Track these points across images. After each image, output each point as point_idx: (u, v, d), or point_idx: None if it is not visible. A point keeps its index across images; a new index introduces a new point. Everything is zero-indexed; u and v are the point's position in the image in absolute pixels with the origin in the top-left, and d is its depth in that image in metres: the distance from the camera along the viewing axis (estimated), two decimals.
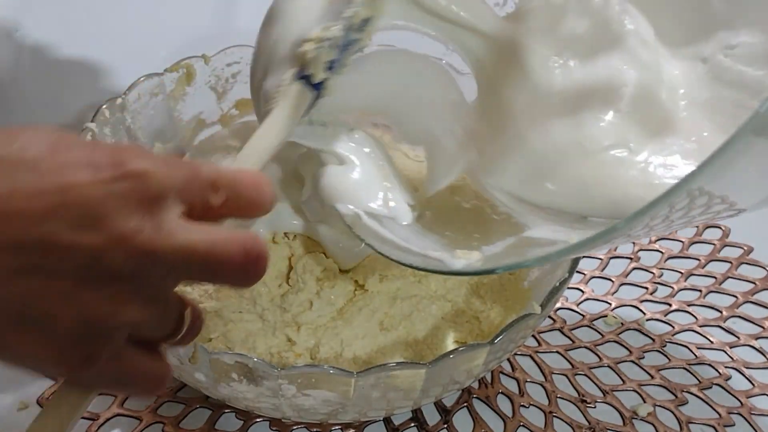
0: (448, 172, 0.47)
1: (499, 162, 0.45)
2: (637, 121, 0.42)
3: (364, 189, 0.46)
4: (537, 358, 0.55)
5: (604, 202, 0.41)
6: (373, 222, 0.44)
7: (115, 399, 0.50)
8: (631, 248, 0.62)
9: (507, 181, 0.45)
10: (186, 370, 0.44)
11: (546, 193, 0.43)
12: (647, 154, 0.41)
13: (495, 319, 0.51)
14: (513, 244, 0.42)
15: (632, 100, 0.42)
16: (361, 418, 0.48)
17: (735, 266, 0.61)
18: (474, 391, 0.52)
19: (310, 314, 0.48)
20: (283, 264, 0.48)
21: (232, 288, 0.34)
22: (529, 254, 0.39)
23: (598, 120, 0.42)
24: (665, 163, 0.41)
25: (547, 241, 0.40)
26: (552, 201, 0.43)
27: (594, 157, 0.42)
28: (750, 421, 0.52)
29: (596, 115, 0.42)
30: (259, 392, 0.43)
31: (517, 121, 0.44)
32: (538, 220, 0.43)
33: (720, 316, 0.58)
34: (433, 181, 0.48)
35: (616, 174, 0.41)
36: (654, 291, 0.59)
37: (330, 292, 0.48)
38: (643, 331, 0.57)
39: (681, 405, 0.53)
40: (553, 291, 0.45)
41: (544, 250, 0.38)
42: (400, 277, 0.51)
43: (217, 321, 0.47)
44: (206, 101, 0.59)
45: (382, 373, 0.41)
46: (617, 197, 0.41)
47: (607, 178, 0.41)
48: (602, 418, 0.52)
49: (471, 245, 0.42)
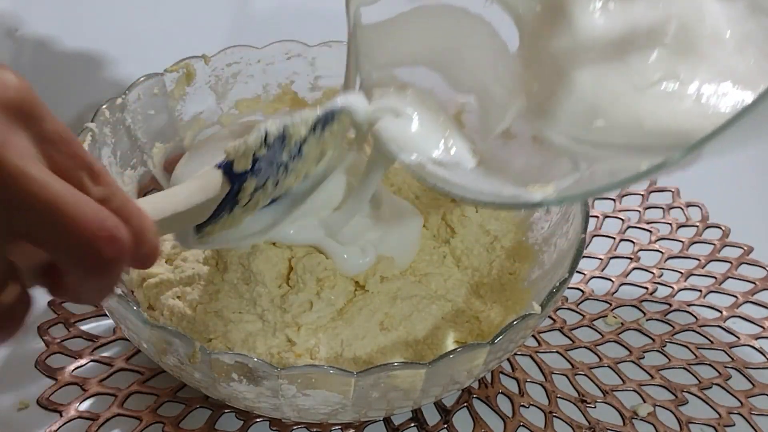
0: (501, 118, 0.48)
1: (550, 107, 0.45)
2: (683, 54, 0.42)
3: (424, 138, 0.46)
4: (537, 358, 0.55)
5: (661, 134, 0.42)
6: (439, 168, 0.44)
7: (115, 399, 0.50)
8: (631, 248, 0.62)
9: (560, 124, 0.45)
10: (186, 370, 0.44)
11: (601, 131, 0.43)
12: (698, 85, 0.42)
13: (495, 319, 0.51)
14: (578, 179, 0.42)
15: (676, 35, 0.42)
16: (361, 418, 0.48)
17: (735, 266, 0.61)
18: (474, 391, 0.52)
19: (310, 315, 0.48)
20: (284, 265, 0.48)
21: (78, 272, 0.29)
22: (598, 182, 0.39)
23: (645, 57, 0.42)
24: (717, 92, 0.41)
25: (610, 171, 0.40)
26: (607, 138, 0.44)
27: (645, 92, 0.42)
28: (750, 422, 0.52)
29: (642, 53, 0.43)
30: (259, 392, 0.43)
31: (564, 66, 0.44)
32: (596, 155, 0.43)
33: (720, 316, 0.58)
34: (487, 129, 0.48)
35: (670, 107, 0.42)
36: (654, 291, 0.59)
37: (330, 292, 0.48)
38: (643, 331, 0.57)
39: (681, 405, 0.53)
40: (553, 291, 0.45)
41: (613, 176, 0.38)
42: (400, 277, 0.51)
43: (217, 321, 0.47)
44: (206, 101, 0.59)
45: (382, 373, 0.41)
46: (674, 129, 0.41)
47: (662, 111, 0.42)
48: (602, 418, 0.52)
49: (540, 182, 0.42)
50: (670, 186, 0.66)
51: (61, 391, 0.51)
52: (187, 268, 0.49)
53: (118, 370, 0.52)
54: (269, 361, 0.43)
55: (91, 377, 0.52)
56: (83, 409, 0.50)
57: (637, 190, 0.66)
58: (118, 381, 0.52)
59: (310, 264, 0.48)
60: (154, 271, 0.50)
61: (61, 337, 0.53)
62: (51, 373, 0.52)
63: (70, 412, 0.50)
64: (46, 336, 0.53)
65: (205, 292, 0.48)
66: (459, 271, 0.54)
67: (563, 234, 0.51)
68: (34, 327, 0.54)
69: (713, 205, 0.65)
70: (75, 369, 0.52)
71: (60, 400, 0.50)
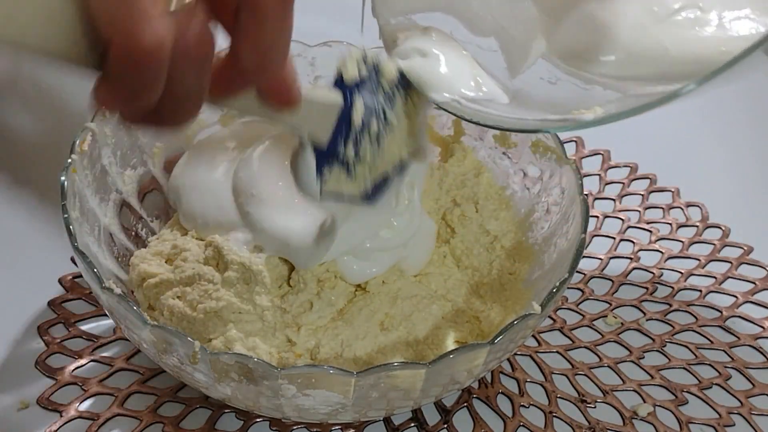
0: (524, 58, 0.48)
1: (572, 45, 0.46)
2: None
3: (454, 76, 0.46)
4: (537, 358, 0.55)
5: (688, 62, 0.42)
6: (474, 105, 0.45)
7: (115, 399, 0.50)
8: (631, 248, 0.62)
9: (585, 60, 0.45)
10: (186, 370, 0.44)
11: (628, 64, 0.44)
12: (719, 10, 0.43)
13: (495, 319, 0.51)
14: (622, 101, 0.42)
15: None
16: (361, 418, 0.48)
17: (735, 266, 0.61)
18: (474, 391, 0.52)
19: (310, 315, 0.48)
20: (285, 266, 0.48)
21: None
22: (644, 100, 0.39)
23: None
24: (739, 16, 0.42)
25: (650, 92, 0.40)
26: (636, 71, 0.44)
27: (667, 21, 0.43)
28: (750, 422, 0.52)
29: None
30: (259, 392, 0.43)
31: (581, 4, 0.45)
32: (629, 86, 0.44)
33: (720, 316, 0.58)
34: (514, 69, 0.49)
35: (694, 34, 0.43)
36: (654, 291, 0.59)
37: (330, 293, 0.48)
38: (643, 331, 0.57)
39: (681, 405, 0.53)
40: (553, 291, 0.45)
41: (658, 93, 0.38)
42: (400, 277, 0.51)
43: (217, 321, 0.47)
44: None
45: (382, 373, 0.41)
46: (700, 55, 0.42)
47: (686, 38, 0.42)
48: (602, 418, 0.52)
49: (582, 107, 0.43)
50: (670, 186, 0.66)
51: (61, 391, 0.51)
52: (187, 268, 0.49)
53: (118, 370, 0.52)
54: (269, 361, 0.43)
55: (91, 377, 0.52)
56: (83, 409, 0.50)
57: (638, 190, 0.66)
58: (118, 381, 0.52)
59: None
60: (154, 271, 0.50)
61: (61, 337, 0.53)
62: (51, 373, 0.52)
63: (70, 412, 0.50)
64: (46, 336, 0.53)
65: (205, 292, 0.48)
66: (459, 271, 0.54)
67: (563, 234, 0.51)
68: (34, 327, 0.54)
69: (713, 205, 0.65)
70: (75, 369, 0.52)
71: (60, 400, 0.50)
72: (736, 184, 0.68)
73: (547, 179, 0.55)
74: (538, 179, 0.56)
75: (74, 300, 0.55)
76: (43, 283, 0.56)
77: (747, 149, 0.71)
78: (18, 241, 0.59)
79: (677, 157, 0.70)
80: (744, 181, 0.68)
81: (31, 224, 0.60)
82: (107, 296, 0.43)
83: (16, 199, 0.61)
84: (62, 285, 0.56)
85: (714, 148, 0.71)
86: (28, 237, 0.59)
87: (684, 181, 0.67)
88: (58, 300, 0.55)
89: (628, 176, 0.67)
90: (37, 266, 0.57)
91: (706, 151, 0.71)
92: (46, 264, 0.57)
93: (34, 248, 0.58)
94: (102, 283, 0.44)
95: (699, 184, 0.66)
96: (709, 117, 0.74)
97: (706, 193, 0.66)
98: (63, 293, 0.56)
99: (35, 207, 0.59)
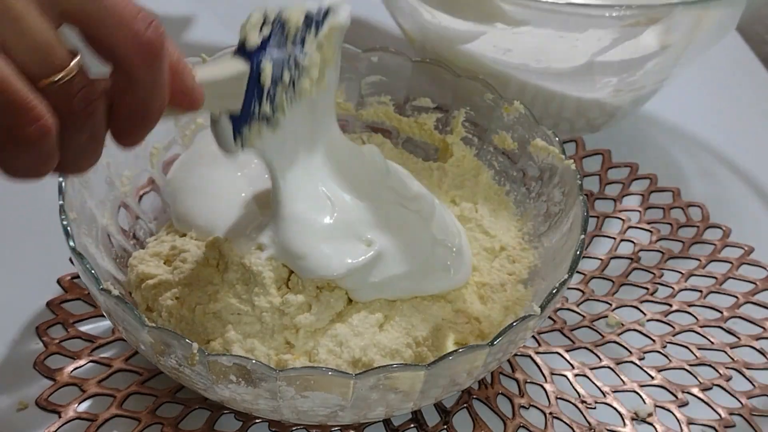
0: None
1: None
2: None
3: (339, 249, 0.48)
4: (537, 359, 0.54)
5: None
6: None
7: (114, 400, 0.50)
8: (631, 248, 0.62)
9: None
10: (184, 371, 0.43)
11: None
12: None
13: (495, 319, 0.51)
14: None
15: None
16: (360, 419, 0.47)
17: (736, 267, 0.61)
18: (474, 392, 0.52)
19: (309, 317, 0.48)
20: (284, 269, 0.48)
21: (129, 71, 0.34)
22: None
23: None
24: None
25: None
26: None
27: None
28: (750, 422, 0.52)
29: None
30: (257, 394, 0.43)
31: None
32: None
33: (721, 316, 0.58)
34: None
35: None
36: (654, 291, 0.59)
37: (329, 295, 0.48)
38: (643, 332, 0.56)
39: (681, 406, 0.52)
40: (553, 292, 0.45)
41: None
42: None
43: (215, 323, 0.47)
44: None
45: (381, 375, 0.41)
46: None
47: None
48: (602, 419, 0.51)
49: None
50: (670, 186, 0.66)
51: (60, 391, 0.51)
52: (185, 269, 0.49)
53: (117, 371, 0.52)
54: (267, 363, 0.43)
55: (90, 378, 0.51)
56: (82, 410, 0.50)
57: (638, 190, 0.66)
58: (116, 382, 0.51)
59: None
60: (152, 272, 0.50)
61: (60, 338, 0.53)
62: (50, 373, 0.51)
63: (69, 412, 0.50)
64: (44, 337, 0.53)
65: (204, 293, 0.48)
66: None
67: (563, 234, 0.51)
68: (32, 328, 0.54)
69: (714, 206, 0.65)
70: (74, 370, 0.52)
71: (59, 400, 0.50)
72: (736, 184, 0.68)
73: (546, 179, 0.55)
74: (538, 179, 0.56)
75: (73, 301, 0.55)
76: (42, 283, 0.56)
77: (747, 149, 0.71)
78: (17, 242, 0.59)
79: (677, 157, 0.70)
80: (744, 181, 0.68)
81: (29, 225, 0.60)
82: (105, 298, 0.43)
83: (15, 199, 0.60)
84: (61, 285, 0.56)
85: (714, 148, 0.71)
86: (27, 237, 0.59)
87: (684, 181, 0.67)
88: (56, 301, 0.55)
89: (628, 176, 0.67)
90: (35, 267, 0.57)
91: (706, 151, 0.71)
92: (44, 264, 0.56)
93: (33, 249, 0.58)
94: (100, 284, 0.44)
95: (699, 184, 0.66)
96: (709, 117, 0.74)
97: (706, 193, 0.66)
98: (62, 294, 0.56)
99: (34, 207, 0.59)
